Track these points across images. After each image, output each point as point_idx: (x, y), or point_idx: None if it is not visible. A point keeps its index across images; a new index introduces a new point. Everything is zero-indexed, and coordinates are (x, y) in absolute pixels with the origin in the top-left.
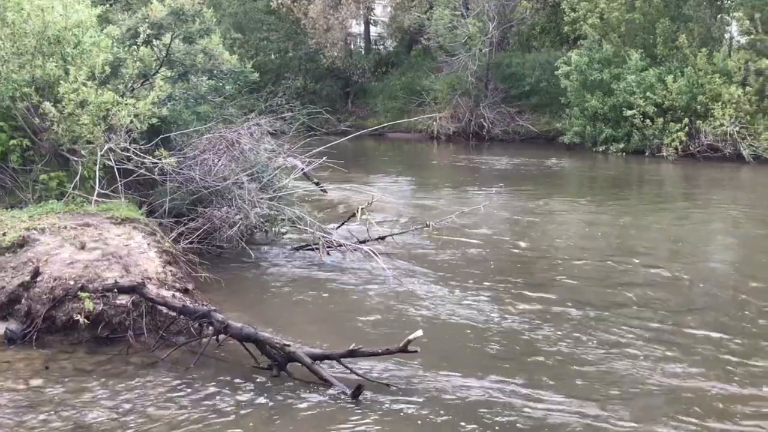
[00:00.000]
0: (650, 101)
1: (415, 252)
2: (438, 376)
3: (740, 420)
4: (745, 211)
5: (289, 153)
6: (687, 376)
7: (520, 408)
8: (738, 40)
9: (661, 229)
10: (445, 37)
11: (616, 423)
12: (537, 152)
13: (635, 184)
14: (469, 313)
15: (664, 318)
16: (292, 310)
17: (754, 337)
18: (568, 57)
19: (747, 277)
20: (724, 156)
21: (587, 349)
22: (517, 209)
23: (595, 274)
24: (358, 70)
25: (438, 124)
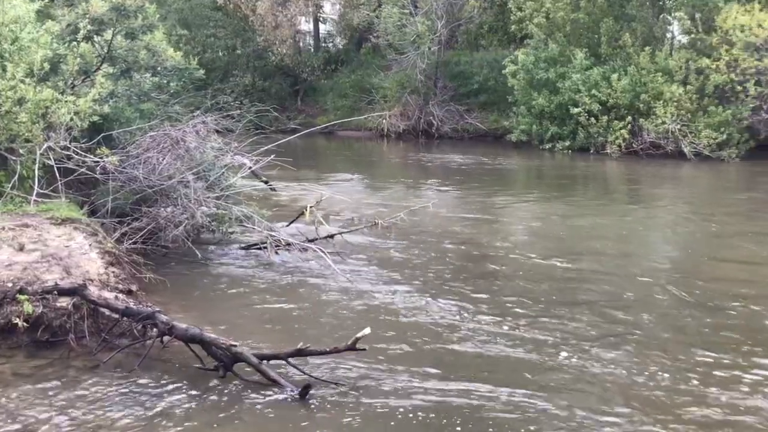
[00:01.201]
0: (595, 99)
1: (364, 250)
2: (386, 374)
3: (681, 412)
4: (687, 207)
5: (236, 151)
6: (633, 370)
7: (468, 404)
8: (679, 40)
9: (605, 226)
10: (394, 35)
11: (564, 416)
12: (485, 150)
13: (581, 181)
14: (419, 311)
15: (612, 314)
16: (240, 310)
17: (696, 331)
18: (514, 56)
19: (689, 273)
20: (666, 153)
21: (535, 344)
22: (466, 207)
23: (542, 271)
24: (307, 68)
25: (388, 122)
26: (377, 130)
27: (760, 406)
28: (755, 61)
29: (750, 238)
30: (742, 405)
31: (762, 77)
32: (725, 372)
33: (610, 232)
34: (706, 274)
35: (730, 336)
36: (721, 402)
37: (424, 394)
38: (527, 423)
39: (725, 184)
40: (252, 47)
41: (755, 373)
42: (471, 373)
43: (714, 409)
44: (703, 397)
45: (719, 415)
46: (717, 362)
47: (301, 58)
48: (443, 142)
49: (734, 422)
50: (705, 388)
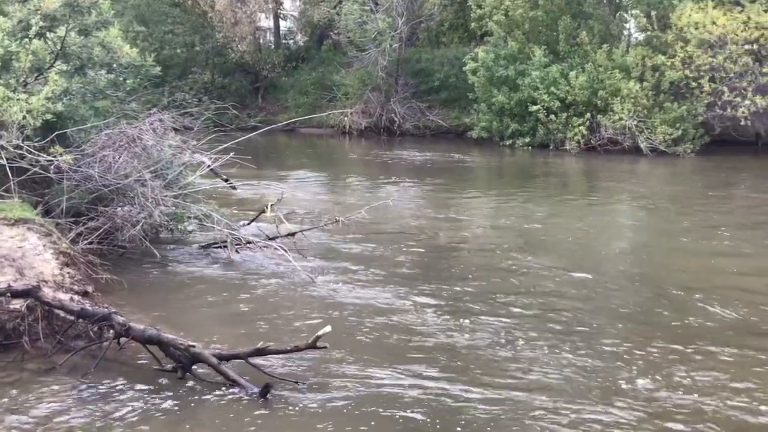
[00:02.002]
0: (553, 96)
1: (326, 248)
2: (348, 372)
3: (640, 405)
4: (644, 201)
5: (195, 149)
6: (590, 364)
7: (430, 400)
8: (636, 37)
9: (565, 221)
10: (355, 32)
11: (525, 409)
12: (447, 147)
13: (541, 177)
14: (380, 308)
15: (571, 307)
16: (200, 310)
17: (653, 325)
18: (475, 53)
19: (645, 266)
20: (624, 149)
21: (498, 338)
22: (428, 203)
23: (504, 265)
24: (267, 65)
25: (349, 120)
26: (339, 127)
27: (712, 392)
28: (709, 57)
29: (705, 232)
30: (693, 392)
31: (716, 74)
32: (676, 360)
33: (569, 227)
34: (663, 267)
35: (681, 327)
36: (676, 389)
37: (387, 390)
38: (490, 417)
39: (681, 179)
40: (211, 44)
41: (707, 361)
42: (434, 368)
43: (667, 397)
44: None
45: (672, 402)
46: (669, 351)
47: (262, 55)
48: (405, 139)
49: (683, 411)
50: (661, 378)
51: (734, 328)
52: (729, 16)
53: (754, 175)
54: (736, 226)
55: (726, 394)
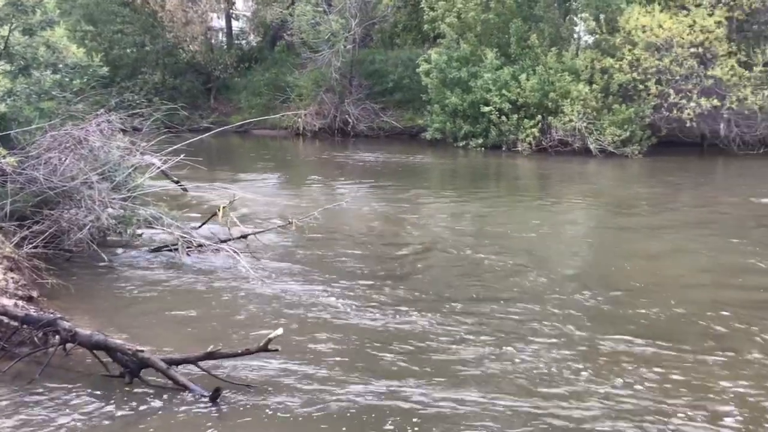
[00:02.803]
0: (505, 98)
1: (279, 250)
2: (301, 374)
3: (588, 399)
4: (593, 202)
5: (144, 151)
6: (542, 361)
7: (383, 401)
8: (585, 40)
9: (517, 221)
10: (308, 33)
11: (482, 410)
12: (401, 148)
13: (493, 178)
14: (334, 309)
15: (521, 306)
16: (149, 314)
17: (603, 320)
18: (428, 55)
19: (596, 267)
20: (574, 150)
21: (452, 338)
22: (383, 204)
23: (457, 266)
24: (220, 66)
25: (303, 121)
26: (293, 128)
27: (661, 388)
28: (656, 60)
29: (652, 232)
30: (642, 388)
31: (662, 76)
32: (626, 358)
33: (521, 228)
34: (611, 266)
35: (628, 324)
36: (624, 387)
37: (340, 393)
38: (445, 419)
39: (629, 179)
40: (162, 44)
41: (651, 357)
42: (387, 369)
43: (613, 394)
44: (606, 383)
45: (615, 401)
46: (617, 350)
47: (214, 56)
48: (359, 140)
49: (631, 407)
50: (608, 375)
51: (677, 325)
52: (675, 20)
53: (699, 175)
54: (681, 225)
55: (669, 390)
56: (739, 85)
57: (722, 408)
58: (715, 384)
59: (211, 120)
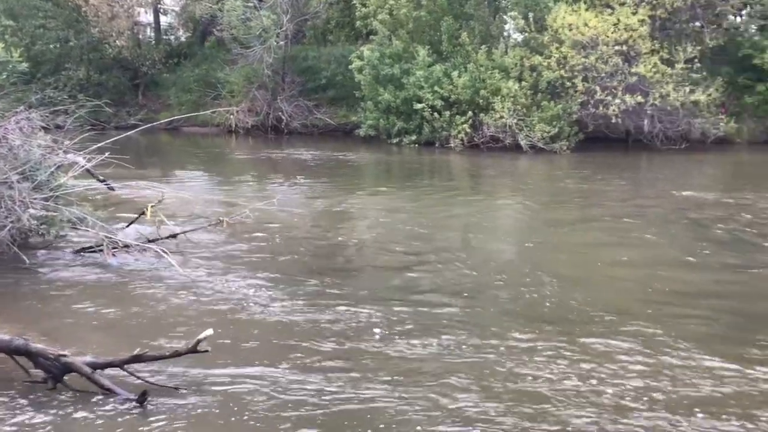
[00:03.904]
0: (437, 95)
1: (209, 249)
2: (232, 375)
3: (527, 393)
4: (524, 197)
5: (68, 149)
6: (474, 355)
7: (315, 400)
8: (515, 38)
9: (451, 217)
10: (238, 28)
11: (418, 405)
12: (335, 145)
13: (427, 174)
14: (266, 308)
15: (456, 300)
16: (74, 317)
17: (538, 315)
18: (360, 52)
19: (527, 260)
20: (505, 146)
21: (382, 336)
22: (317, 201)
23: (391, 263)
24: (147, 61)
25: (236, 118)
26: (225, 126)
27: (582, 376)
28: (582, 58)
29: (580, 225)
30: (563, 377)
31: (588, 74)
32: (549, 349)
33: (454, 223)
34: (542, 259)
35: (559, 316)
36: (547, 377)
37: (271, 392)
38: (377, 414)
39: (557, 174)
40: (86, 39)
41: (576, 348)
42: (320, 367)
43: (539, 384)
44: (535, 373)
45: (545, 389)
46: (541, 340)
47: (141, 51)
48: (293, 137)
49: (556, 394)
50: (536, 365)
51: (604, 315)
52: (600, 19)
53: (625, 170)
54: (608, 218)
55: (601, 378)
56: (662, 82)
57: (633, 395)
58: (632, 373)
59: (139, 117)
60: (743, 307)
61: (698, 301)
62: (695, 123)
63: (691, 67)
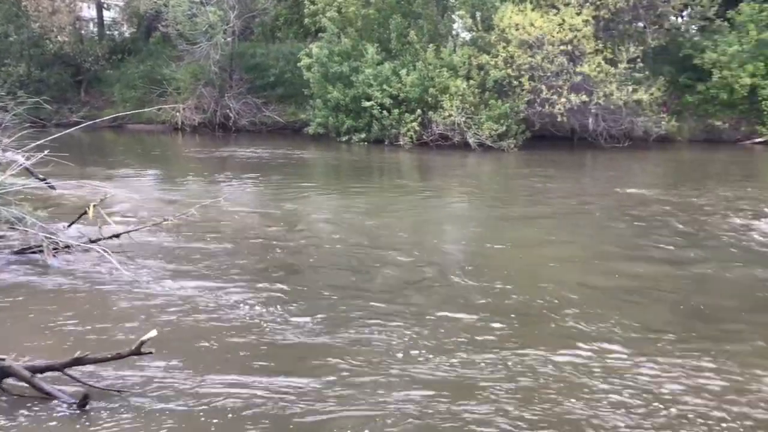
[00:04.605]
0: (386, 93)
1: (154, 249)
2: (176, 378)
3: (472, 389)
4: (472, 194)
5: (6, 147)
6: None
7: (264, 402)
8: (463, 37)
9: (401, 214)
10: (184, 24)
11: (366, 403)
12: (284, 143)
13: (377, 172)
14: (212, 308)
15: (407, 297)
16: (11, 320)
17: (484, 310)
18: (309, 49)
19: (474, 257)
20: (454, 144)
21: (332, 336)
22: (265, 200)
23: (342, 261)
24: (90, 57)
25: (182, 115)
26: (171, 123)
27: (524, 368)
28: (528, 57)
29: (526, 222)
30: (506, 369)
31: (535, 73)
32: (499, 341)
33: (403, 220)
34: (488, 257)
35: (500, 310)
36: (487, 369)
37: (216, 394)
38: (328, 415)
39: (505, 172)
40: (27, 34)
41: (521, 341)
42: (267, 369)
43: (479, 375)
44: (484, 367)
45: (491, 381)
46: (487, 334)
47: (84, 47)
48: (241, 135)
49: (492, 385)
50: (477, 359)
51: (550, 309)
52: (546, 18)
53: (570, 167)
54: (553, 215)
55: (527, 371)
56: (606, 82)
57: (571, 387)
58: (574, 364)
59: (81, 114)
60: (682, 300)
61: (640, 295)
62: (638, 122)
63: (634, 67)
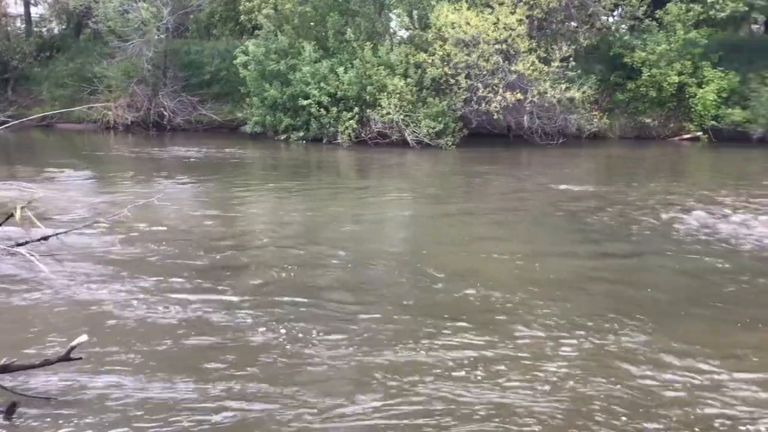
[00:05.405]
0: (324, 92)
1: (85, 251)
2: (107, 383)
3: (425, 386)
4: (411, 192)
5: None
6: (372, 351)
7: (194, 405)
8: (400, 36)
9: (341, 212)
10: (116, 21)
11: (309, 407)
12: (221, 142)
13: (315, 170)
14: (145, 312)
15: (347, 295)
16: None
17: (421, 307)
18: (245, 47)
19: (414, 254)
20: (392, 142)
21: (270, 336)
22: (202, 200)
23: (280, 261)
24: (17, 55)
25: (114, 114)
26: (103, 122)
27: (463, 361)
28: (465, 56)
29: (464, 218)
30: (450, 363)
31: (471, 71)
32: (437, 338)
33: (342, 219)
34: (427, 254)
35: (441, 308)
36: (425, 362)
37: (149, 400)
38: (264, 419)
39: (443, 170)
40: None
41: (461, 336)
42: (204, 373)
43: (426, 372)
44: (421, 363)
45: (431, 377)
46: (427, 330)
47: (10, 44)
48: (176, 134)
49: (439, 377)
50: (427, 355)
51: (488, 305)
52: (481, 17)
53: (506, 164)
54: (491, 211)
55: (465, 365)
56: (540, 80)
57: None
58: (509, 356)
59: (8, 113)
60: (616, 291)
61: (576, 288)
62: (571, 119)
63: (567, 66)
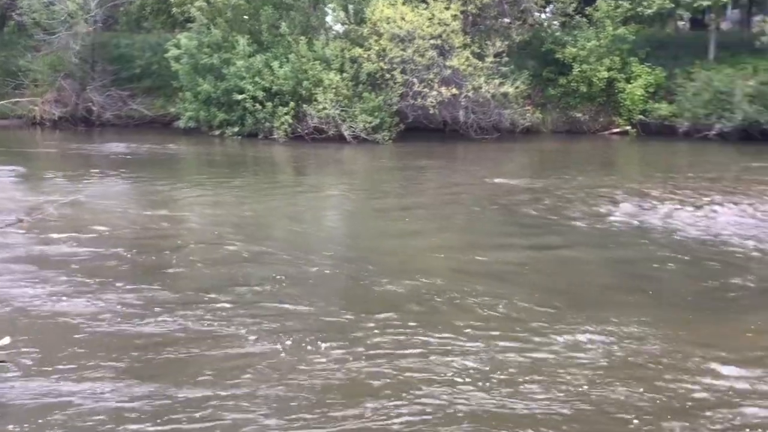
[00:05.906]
0: (259, 86)
1: (7, 252)
2: (34, 389)
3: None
4: (348, 186)
5: None
6: (300, 346)
7: (127, 414)
8: (336, 30)
9: (278, 208)
10: (41, 13)
11: (227, 408)
12: (153, 137)
13: (251, 166)
14: (74, 313)
15: (287, 291)
16: None
17: (358, 302)
18: (177, 40)
19: (350, 247)
20: (329, 137)
21: (205, 335)
22: (133, 197)
23: (216, 257)
24: None
25: (40, 109)
26: (28, 117)
27: (395, 352)
28: (400, 51)
29: (400, 213)
30: (383, 359)
31: (407, 66)
32: (370, 329)
33: (279, 215)
34: (363, 248)
35: (377, 299)
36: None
37: (77, 406)
38: (209, 418)
39: (380, 164)
40: None
41: (394, 329)
42: (139, 375)
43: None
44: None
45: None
46: (363, 323)
47: None
48: (106, 129)
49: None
50: (366, 350)
51: (417, 298)
52: (416, 13)
53: (442, 159)
54: (427, 205)
55: (405, 355)
56: (474, 75)
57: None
58: (445, 347)
59: None
60: (550, 281)
61: (511, 279)
62: (505, 114)
63: (500, 61)
